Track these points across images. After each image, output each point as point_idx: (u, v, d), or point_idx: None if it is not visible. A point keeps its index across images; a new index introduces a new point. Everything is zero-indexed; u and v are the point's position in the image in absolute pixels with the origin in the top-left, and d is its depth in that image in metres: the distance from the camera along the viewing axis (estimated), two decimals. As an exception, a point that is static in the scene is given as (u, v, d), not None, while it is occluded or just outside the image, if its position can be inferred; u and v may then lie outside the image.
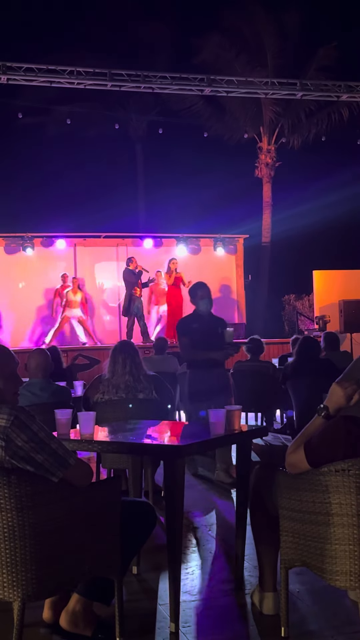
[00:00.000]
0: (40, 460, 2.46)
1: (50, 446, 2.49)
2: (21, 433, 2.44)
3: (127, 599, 3.35)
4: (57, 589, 2.71)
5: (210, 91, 15.34)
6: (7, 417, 2.46)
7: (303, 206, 21.29)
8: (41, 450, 2.46)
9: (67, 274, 14.52)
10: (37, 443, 2.46)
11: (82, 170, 22.89)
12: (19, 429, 2.45)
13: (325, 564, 2.58)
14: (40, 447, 2.46)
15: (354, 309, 13.66)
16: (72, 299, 14.03)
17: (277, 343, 14.18)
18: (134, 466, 4.09)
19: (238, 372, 7.96)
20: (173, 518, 3.08)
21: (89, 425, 3.41)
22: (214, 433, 3.34)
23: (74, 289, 14.13)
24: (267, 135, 21.19)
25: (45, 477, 2.50)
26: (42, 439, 2.48)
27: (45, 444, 2.48)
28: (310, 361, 6.51)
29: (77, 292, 14.16)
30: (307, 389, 6.27)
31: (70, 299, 14.02)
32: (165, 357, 8.67)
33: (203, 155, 22.06)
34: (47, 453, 2.47)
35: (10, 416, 2.46)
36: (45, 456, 2.47)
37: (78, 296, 14.14)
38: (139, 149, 24.64)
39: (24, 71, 13.76)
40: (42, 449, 2.46)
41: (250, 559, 3.69)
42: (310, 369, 6.41)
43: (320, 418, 2.66)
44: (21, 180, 22.72)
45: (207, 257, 16.57)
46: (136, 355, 4.99)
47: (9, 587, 2.47)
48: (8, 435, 2.44)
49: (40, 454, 2.46)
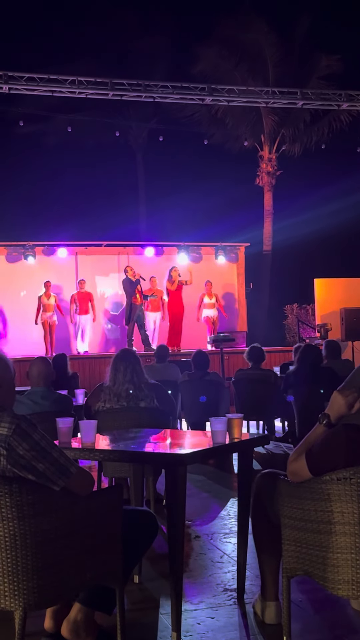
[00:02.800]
0: (41, 469, 2.45)
1: (51, 455, 2.48)
2: (23, 442, 2.44)
3: (129, 608, 3.34)
4: (58, 598, 2.70)
5: (211, 100, 15.41)
6: (8, 425, 2.45)
7: (304, 214, 21.33)
8: (43, 459, 2.46)
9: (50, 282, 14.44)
10: (38, 452, 2.45)
11: (83, 179, 22.97)
12: (20, 438, 2.44)
13: (328, 572, 2.58)
14: (41, 455, 2.46)
15: (356, 317, 13.67)
16: (47, 303, 14.10)
17: (279, 351, 14.19)
18: (135, 475, 4.08)
19: (239, 380, 7.96)
20: (175, 527, 3.08)
21: (91, 434, 3.40)
22: (216, 442, 3.34)
23: (47, 292, 14.16)
24: (268, 144, 21.25)
25: (47, 486, 2.49)
26: (44, 447, 2.47)
27: (47, 453, 2.47)
28: (312, 369, 6.51)
29: (50, 296, 14.20)
30: (309, 397, 6.26)
31: (44, 302, 14.09)
32: (167, 366, 8.67)
33: (204, 164, 22.14)
34: (49, 462, 2.46)
35: (12, 425, 2.45)
36: (46, 465, 2.46)
37: (52, 300, 14.20)
38: (139, 157, 24.71)
39: (26, 80, 13.83)
40: (43, 458, 2.46)
41: (252, 568, 3.68)
42: (311, 377, 6.41)
43: (322, 426, 2.66)
44: (22, 188, 22.79)
45: (208, 266, 16.59)
46: (137, 364, 4.99)
47: (10, 596, 2.46)
48: (9, 443, 2.43)
49: (41, 462, 2.45)
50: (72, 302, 14.55)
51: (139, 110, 22.15)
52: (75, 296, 14.52)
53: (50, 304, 14.15)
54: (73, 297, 14.57)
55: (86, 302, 14.45)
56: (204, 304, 14.89)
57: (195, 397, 7.62)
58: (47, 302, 14.14)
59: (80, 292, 14.50)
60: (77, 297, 14.47)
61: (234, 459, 6.73)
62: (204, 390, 7.61)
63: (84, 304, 14.41)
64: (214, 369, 10.68)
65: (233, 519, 4.94)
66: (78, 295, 14.48)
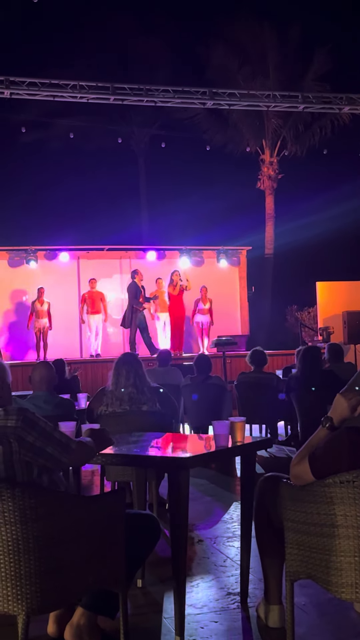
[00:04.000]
0: (50, 451, 2.65)
1: (54, 436, 2.69)
2: (31, 430, 2.62)
3: (132, 612, 3.33)
4: (61, 602, 2.70)
5: (212, 104, 15.43)
6: (15, 417, 2.62)
7: (306, 218, 21.35)
8: (49, 442, 2.66)
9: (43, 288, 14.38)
10: (45, 436, 2.65)
11: (85, 184, 23.02)
12: (28, 427, 2.62)
13: (331, 576, 2.57)
14: (48, 439, 2.66)
15: (358, 320, 13.66)
16: (40, 309, 14.08)
17: (281, 355, 14.17)
18: (138, 478, 4.08)
19: (241, 383, 7.95)
20: (177, 530, 3.07)
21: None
22: (219, 445, 3.33)
23: (40, 299, 14.14)
24: (270, 148, 21.27)
25: (51, 489, 2.55)
26: (49, 431, 2.68)
27: (51, 436, 2.68)
28: (314, 372, 6.50)
29: (44, 302, 14.19)
30: (311, 401, 6.26)
31: (37, 308, 14.07)
32: (169, 369, 8.66)
33: (205, 168, 22.19)
34: (55, 443, 2.67)
35: (18, 416, 2.62)
36: (53, 446, 2.67)
37: (45, 306, 14.18)
38: (141, 162, 24.76)
39: (27, 85, 13.87)
40: (49, 441, 2.66)
41: (256, 572, 3.67)
42: (314, 380, 6.40)
43: (325, 429, 2.66)
44: (25, 193, 22.84)
45: (210, 269, 16.59)
46: (140, 368, 4.99)
47: (13, 600, 2.46)
48: (19, 434, 2.59)
49: (49, 445, 2.66)
50: (82, 301, 14.46)
51: (141, 114, 22.20)
52: (85, 295, 14.45)
53: (43, 310, 14.09)
54: (84, 296, 14.48)
55: (97, 301, 14.36)
56: (198, 309, 14.89)
57: (198, 400, 7.62)
58: (40, 308, 14.09)
59: (92, 291, 14.40)
60: (88, 297, 14.39)
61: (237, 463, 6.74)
62: (206, 393, 7.61)
63: (96, 303, 14.32)
64: (216, 373, 10.68)
65: (236, 523, 4.93)
66: (89, 295, 14.39)
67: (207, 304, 14.91)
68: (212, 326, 15.11)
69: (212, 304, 15.09)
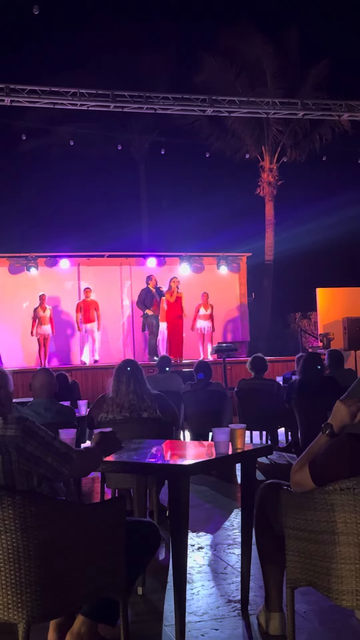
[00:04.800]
0: (50, 461, 2.62)
1: (55, 446, 2.66)
2: (31, 439, 2.60)
3: (133, 619, 3.32)
4: (62, 611, 2.69)
5: (212, 111, 15.48)
6: (15, 426, 2.59)
7: (306, 224, 21.38)
8: (49, 452, 2.63)
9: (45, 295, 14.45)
10: (44, 446, 2.62)
11: (85, 191, 23.07)
12: (28, 436, 2.59)
13: (332, 583, 2.56)
14: (47, 449, 2.63)
15: (358, 326, 13.67)
16: (42, 315, 14.14)
17: (281, 361, 14.18)
18: (138, 486, 4.07)
19: (242, 390, 7.95)
20: (178, 538, 3.07)
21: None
22: (219, 452, 3.33)
23: (42, 305, 14.19)
24: (269, 154, 21.31)
25: (51, 497, 2.55)
26: (48, 441, 2.65)
27: (51, 445, 2.65)
28: (314, 379, 6.50)
29: (46, 308, 14.24)
30: (312, 407, 6.25)
31: (40, 315, 14.13)
32: (169, 376, 8.66)
33: (205, 175, 22.23)
34: (54, 453, 2.64)
35: (18, 425, 2.60)
36: (53, 456, 2.63)
37: (47, 312, 14.23)
38: (141, 168, 24.81)
39: (28, 93, 13.91)
40: (49, 451, 2.63)
41: (256, 579, 3.66)
42: (314, 386, 6.40)
43: (325, 436, 2.66)
44: (25, 200, 22.88)
45: (210, 276, 16.60)
46: (140, 374, 4.99)
47: (14, 608, 2.45)
48: (18, 444, 2.57)
49: (49, 455, 2.63)
50: (77, 310, 14.59)
51: (141, 121, 22.26)
52: (80, 304, 14.57)
53: (45, 317, 14.20)
54: (79, 305, 14.62)
55: (91, 310, 14.48)
56: (199, 315, 14.91)
57: (198, 407, 7.61)
58: (43, 314, 14.19)
59: (86, 300, 14.53)
60: (83, 306, 14.51)
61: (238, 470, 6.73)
62: (206, 400, 7.60)
63: (89, 312, 14.44)
64: (217, 379, 10.68)
65: (237, 530, 4.92)
66: (83, 304, 14.52)
67: (209, 310, 14.94)
68: (214, 332, 15.13)
69: (213, 310, 15.12)
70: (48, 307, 14.35)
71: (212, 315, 15.04)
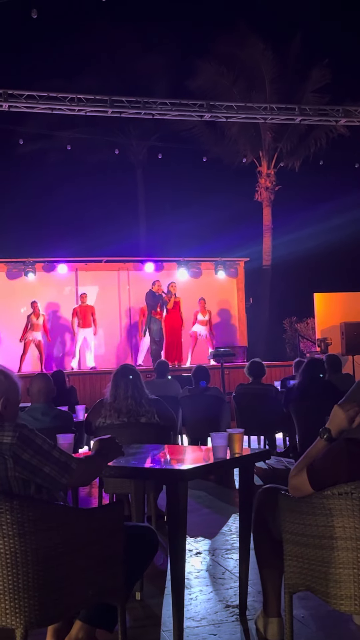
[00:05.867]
0: (47, 471, 2.57)
1: (53, 455, 2.60)
2: (27, 448, 2.54)
3: (131, 625, 3.32)
4: (59, 616, 2.68)
5: (209, 117, 15.50)
6: (11, 434, 2.54)
7: (303, 229, 21.43)
8: (47, 462, 2.57)
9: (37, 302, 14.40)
10: (42, 455, 2.57)
11: (83, 196, 23.08)
12: (24, 444, 2.54)
13: (330, 588, 2.56)
14: (45, 458, 2.57)
15: (356, 331, 13.68)
16: (35, 322, 14.14)
17: (279, 366, 14.18)
18: (136, 491, 4.07)
19: (240, 395, 7.94)
20: (176, 543, 3.07)
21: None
22: (217, 457, 3.33)
23: (36, 312, 14.21)
24: (267, 159, 21.35)
25: (49, 502, 2.53)
26: (46, 450, 2.59)
27: (49, 455, 2.59)
28: (313, 384, 6.50)
29: (39, 315, 14.25)
30: (310, 412, 6.25)
31: (33, 322, 14.13)
32: (167, 381, 8.66)
33: (203, 180, 22.25)
34: (52, 462, 2.59)
35: (15, 433, 2.54)
36: (51, 466, 2.58)
37: (40, 319, 14.24)
38: (139, 174, 24.84)
39: (25, 98, 13.92)
40: (47, 460, 2.58)
41: (254, 584, 3.66)
42: (312, 391, 6.40)
43: (323, 441, 2.66)
44: (23, 205, 22.89)
45: (208, 281, 16.62)
46: (138, 379, 4.99)
47: (12, 614, 2.44)
48: (15, 452, 2.52)
49: (46, 465, 2.57)
50: (73, 315, 14.59)
51: (139, 126, 22.29)
52: (77, 309, 14.57)
53: (38, 324, 14.19)
54: (75, 310, 14.62)
55: (88, 315, 14.49)
56: (198, 321, 14.93)
57: (196, 412, 7.61)
58: (36, 321, 14.18)
59: (82, 305, 14.54)
60: (79, 311, 14.52)
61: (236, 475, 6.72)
62: (204, 405, 7.60)
63: (86, 317, 14.44)
64: (215, 384, 10.67)
65: (235, 535, 4.92)
66: (80, 309, 14.53)
67: (206, 316, 14.94)
68: (213, 338, 15.14)
69: (211, 316, 15.13)
70: (42, 313, 14.35)
71: (210, 321, 15.05)
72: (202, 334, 14.91)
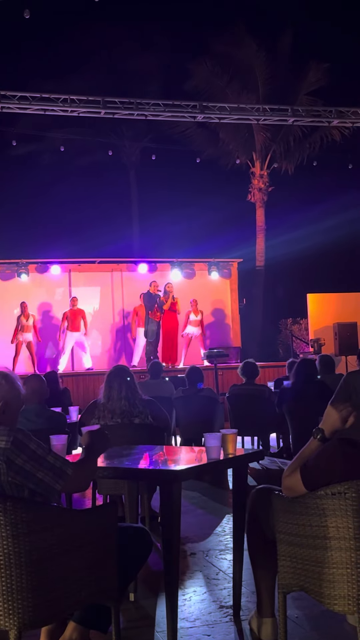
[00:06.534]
0: (41, 476, 2.55)
1: (48, 461, 2.57)
2: (21, 453, 2.53)
3: (125, 626, 3.31)
4: (53, 617, 2.68)
5: (202, 118, 15.53)
6: (6, 438, 2.53)
7: (296, 230, 21.44)
8: (41, 467, 2.55)
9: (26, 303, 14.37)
10: (36, 460, 2.55)
11: (76, 197, 23.03)
12: (18, 449, 2.52)
13: (324, 588, 2.57)
14: (39, 464, 2.55)
15: (349, 331, 13.72)
16: (25, 324, 14.13)
17: (273, 366, 14.19)
18: (130, 492, 4.07)
19: (233, 395, 7.95)
20: (170, 544, 3.06)
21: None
22: (210, 457, 3.33)
23: (25, 313, 14.19)
24: (260, 160, 21.38)
25: (42, 503, 2.52)
26: (41, 455, 2.57)
27: (44, 460, 2.57)
28: (306, 384, 6.51)
29: (29, 316, 14.23)
30: (303, 412, 6.26)
31: (23, 323, 14.13)
32: (161, 382, 8.66)
33: (196, 181, 22.25)
34: (47, 468, 2.56)
35: (9, 437, 2.53)
36: (45, 472, 2.56)
37: (30, 320, 14.22)
38: (132, 175, 24.83)
39: (18, 99, 13.90)
40: (41, 465, 2.55)
41: (248, 584, 3.66)
42: (305, 392, 6.42)
43: (316, 441, 2.66)
44: (15, 206, 22.83)
45: (201, 282, 16.63)
46: (131, 380, 4.99)
47: (5, 615, 2.44)
48: (8, 456, 2.51)
49: (40, 470, 2.55)
50: (64, 319, 14.54)
51: (132, 127, 22.28)
52: (67, 313, 14.53)
53: (28, 325, 14.16)
54: (65, 314, 14.57)
55: (78, 319, 14.45)
56: (189, 321, 14.92)
57: (190, 413, 7.61)
58: (26, 323, 14.15)
59: (73, 309, 14.50)
60: (70, 315, 14.48)
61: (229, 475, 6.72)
62: (198, 406, 7.60)
63: (76, 321, 14.41)
64: (208, 385, 10.68)
65: (228, 536, 4.92)
66: (70, 313, 14.48)
67: (199, 316, 14.93)
68: (206, 338, 15.14)
69: (204, 316, 15.13)
70: (31, 314, 14.32)
71: (202, 321, 15.05)
72: (195, 334, 14.91)
